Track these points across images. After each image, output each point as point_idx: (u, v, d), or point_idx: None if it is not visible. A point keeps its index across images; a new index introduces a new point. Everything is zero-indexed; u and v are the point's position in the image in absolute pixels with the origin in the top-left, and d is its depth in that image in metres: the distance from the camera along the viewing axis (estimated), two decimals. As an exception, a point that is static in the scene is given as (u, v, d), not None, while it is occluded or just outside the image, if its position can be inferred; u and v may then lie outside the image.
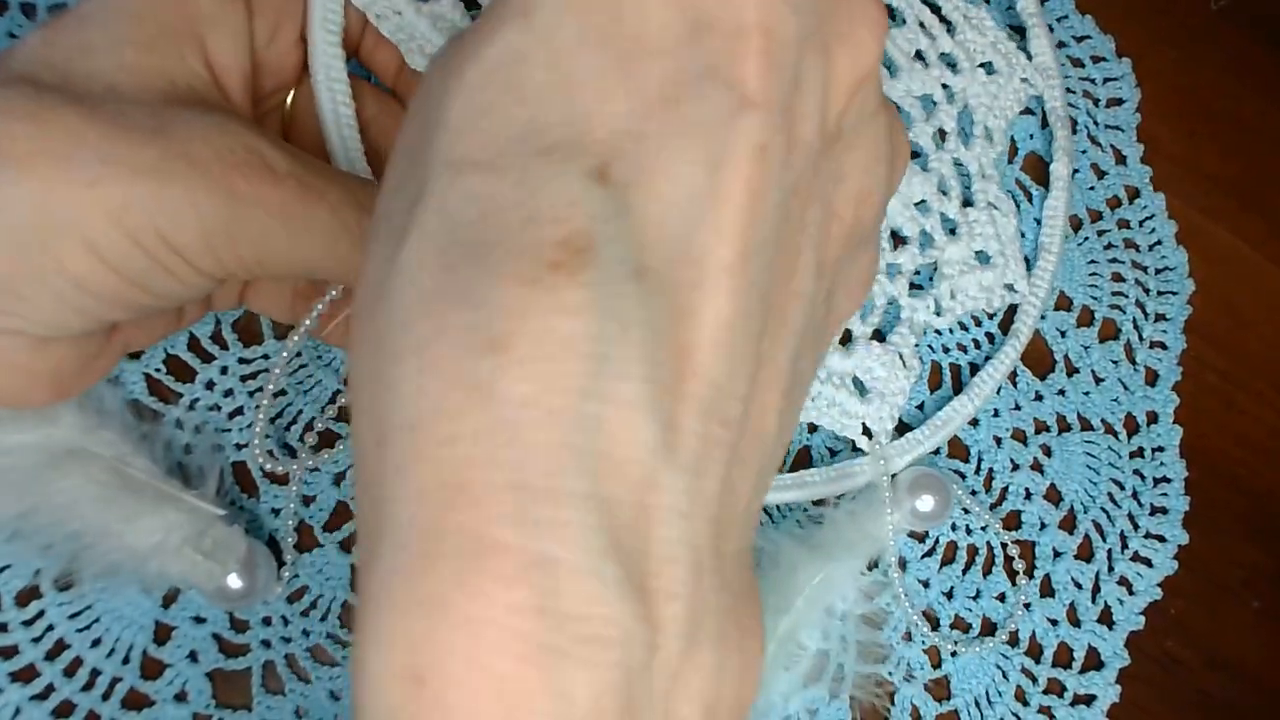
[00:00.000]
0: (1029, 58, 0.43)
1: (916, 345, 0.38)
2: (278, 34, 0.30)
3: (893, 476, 0.36)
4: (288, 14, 0.30)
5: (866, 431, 0.36)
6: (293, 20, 0.30)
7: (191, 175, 0.24)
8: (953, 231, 0.39)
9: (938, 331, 0.40)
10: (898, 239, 0.39)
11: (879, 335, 0.38)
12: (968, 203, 0.40)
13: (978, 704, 0.38)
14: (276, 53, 0.30)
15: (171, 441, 0.32)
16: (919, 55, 0.41)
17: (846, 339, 0.36)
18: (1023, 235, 0.42)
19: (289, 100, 0.32)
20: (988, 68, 0.42)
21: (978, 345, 0.42)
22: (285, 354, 0.30)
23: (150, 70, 0.26)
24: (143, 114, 0.24)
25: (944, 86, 0.41)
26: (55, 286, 0.23)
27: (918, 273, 0.39)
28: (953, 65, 0.42)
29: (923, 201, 0.39)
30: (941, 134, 0.41)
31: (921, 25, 0.42)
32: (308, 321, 0.29)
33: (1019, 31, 0.45)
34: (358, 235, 0.26)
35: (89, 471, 0.29)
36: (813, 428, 0.39)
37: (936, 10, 0.43)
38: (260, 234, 0.25)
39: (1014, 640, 0.39)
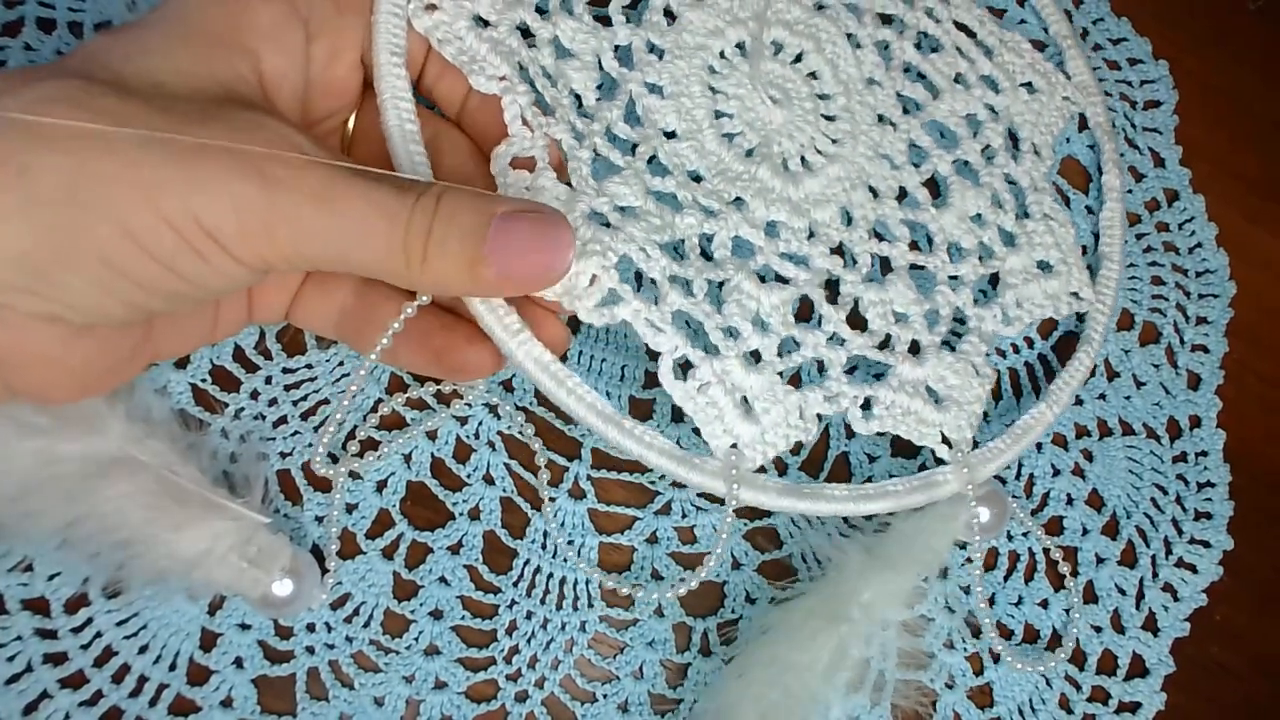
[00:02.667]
0: (1068, 77, 0.43)
1: (987, 353, 0.37)
2: (336, 58, 0.31)
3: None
4: (347, 39, 0.31)
5: (945, 440, 0.35)
6: (352, 45, 0.31)
7: (229, 158, 0.24)
8: (1012, 242, 0.39)
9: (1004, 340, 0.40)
10: (956, 252, 0.38)
11: (948, 346, 0.37)
12: (1022, 214, 0.40)
13: (1021, 712, 0.37)
14: (335, 76, 0.31)
15: (217, 450, 0.33)
16: (959, 78, 0.41)
17: (915, 348, 0.36)
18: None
19: (350, 122, 0.33)
20: (1029, 87, 0.43)
21: (1016, 349, 0.41)
22: (362, 372, 0.30)
23: (201, 74, 0.26)
24: (188, 106, 0.25)
25: (987, 106, 0.41)
26: (88, 268, 0.23)
27: (991, 285, 0.39)
28: (994, 86, 0.42)
29: (978, 215, 0.39)
30: (989, 150, 0.41)
31: (959, 51, 0.42)
32: (384, 341, 0.29)
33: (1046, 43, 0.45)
34: (401, 228, 0.26)
35: (137, 480, 0.30)
36: (850, 432, 0.39)
37: (972, 35, 0.43)
38: (296, 220, 0.25)
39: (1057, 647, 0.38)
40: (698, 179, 0.35)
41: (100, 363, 0.26)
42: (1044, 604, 0.39)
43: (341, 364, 0.36)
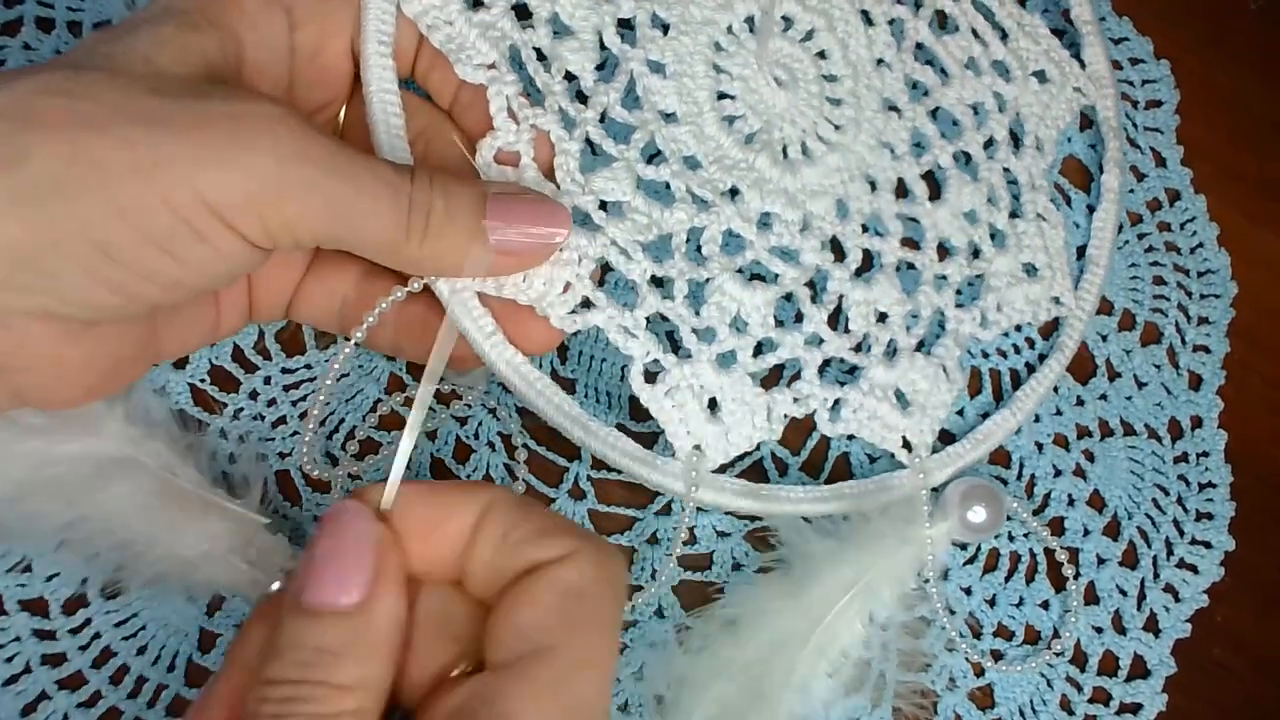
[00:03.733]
0: (1082, 66, 0.43)
1: (960, 357, 0.37)
2: (324, 46, 0.30)
3: (935, 489, 0.36)
4: (334, 26, 0.30)
5: (906, 444, 0.36)
6: (340, 32, 0.30)
7: (237, 129, 0.24)
8: (1001, 243, 0.39)
9: (979, 343, 0.40)
10: (944, 250, 0.38)
11: (923, 347, 0.37)
12: (1015, 214, 0.40)
13: (1022, 713, 0.37)
14: (323, 64, 0.30)
15: (216, 451, 0.33)
16: (971, 63, 0.41)
17: (891, 350, 0.36)
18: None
19: (341, 114, 0.32)
20: (1040, 76, 0.42)
21: (1017, 350, 0.41)
22: (346, 350, 0.29)
23: (188, 47, 0.26)
24: (180, 86, 0.25)
25: (996, 95, 0.41)
26: (82, 256, 0.23)
27: (970, 284, 0.39)
28: (1005, 73, 0.41)
29: (972, 212, 0.39)
30: (991, 142, 0.40)
31: (974, 32, 0.41)
32: (370, 319, 0.29)
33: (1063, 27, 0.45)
34: (404, 200, 0.26)
35: (136, 481, 0.30)
36: (851, 435, 0.39)
37: (990, 17, 0.42)
38: (305, 189, 0.25)
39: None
40: (694, 166, 0.35)
41: (102, 362, 0.26)
42: (1045, 605, 0.39)
43: (341, 364, 0.35)
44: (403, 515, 0.24)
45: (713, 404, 0.33)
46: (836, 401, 0.35)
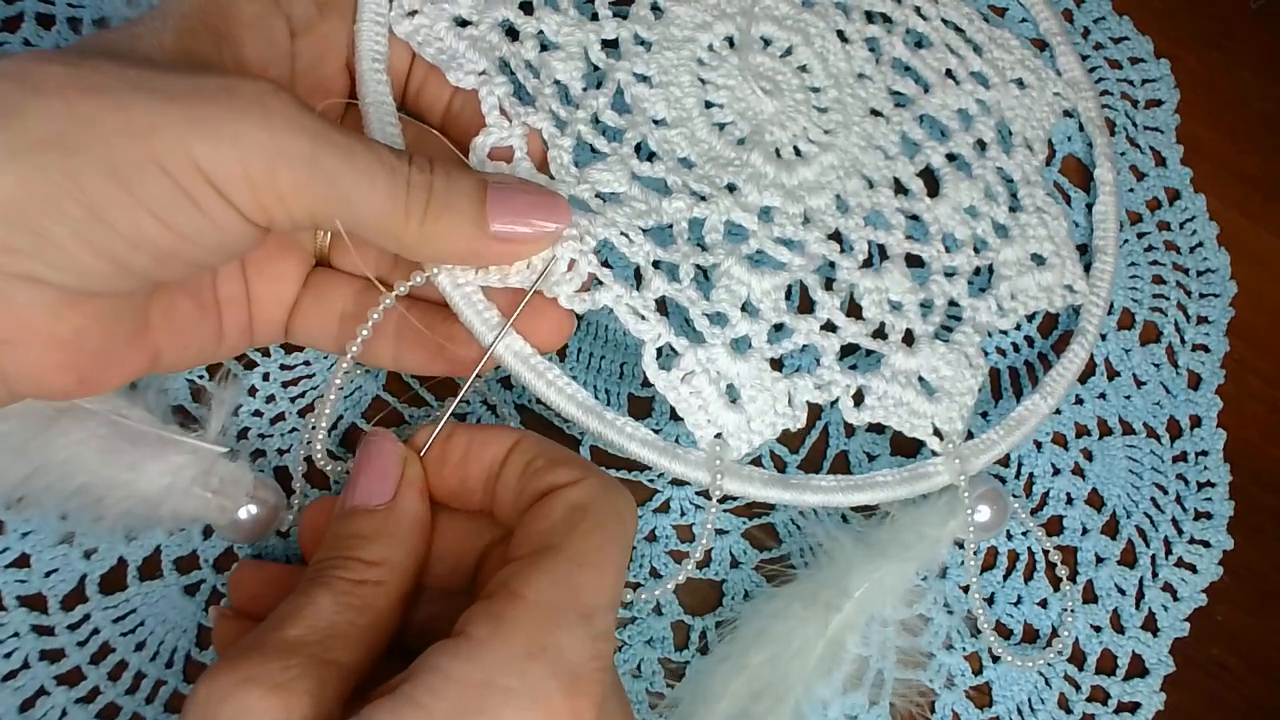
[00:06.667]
0: (1059, 74, 0.43)
1: (980, 344, 0.37)
2: (322, 59, 0.31)
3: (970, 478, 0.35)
4: (332, 42, 0.31)
5: (937, 432, 0.35)
6: (338, 49, 0.31)
7: (231, 101, 0.24)
8: (1005, 235, 0.39)
9: (998, 333, 0.39)
10: (952, 242, 0.38)
11: (940, 335, 0.37)
12: (1015, 208, 0.40)
13: (1020, 711, 0.37)
14: (323, 75, 0.31)
15: (166, 389, 0.32)
16: (949, 74, 0.41)
17: (909, 339, 0.36)
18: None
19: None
20: (1019, 83, 0.42)
21: (1016, 349, 0.41)
22: (345, 366, 0.30)
23: (187, 54, 0.26)
24: (179, 68, 0.25)
25: (979, 102, 0.41)
26: (74, 217, 0.23)
27: (976, 273, 0.38)
28: (984, 82, 0.42)
29: (972, 207, 0.39)
30: (981, 144, 0.41)
31: (949, 47, 0.42)
32: (375, 315, 0.29)
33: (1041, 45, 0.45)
34: (402, 179, 0.26)
35: (87, 428, 0.29)
36: (850, 430, 0.39)
37: (961, 33, 0.43)
38: (300, 161, 0.25)
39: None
40: (689, 165, 0.35)
41: (94, 340, 0.25)
42: (1043, 603, 0.39)
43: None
44: (448, 445, 0.29)
45: (729, 391, 0.32)
46: (860, 389, 0.34)
